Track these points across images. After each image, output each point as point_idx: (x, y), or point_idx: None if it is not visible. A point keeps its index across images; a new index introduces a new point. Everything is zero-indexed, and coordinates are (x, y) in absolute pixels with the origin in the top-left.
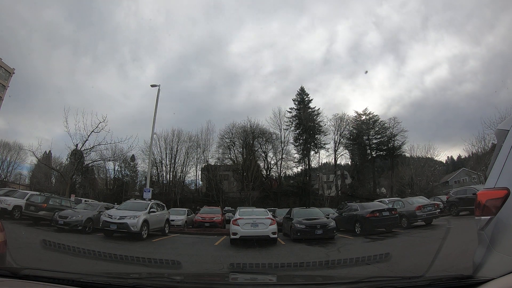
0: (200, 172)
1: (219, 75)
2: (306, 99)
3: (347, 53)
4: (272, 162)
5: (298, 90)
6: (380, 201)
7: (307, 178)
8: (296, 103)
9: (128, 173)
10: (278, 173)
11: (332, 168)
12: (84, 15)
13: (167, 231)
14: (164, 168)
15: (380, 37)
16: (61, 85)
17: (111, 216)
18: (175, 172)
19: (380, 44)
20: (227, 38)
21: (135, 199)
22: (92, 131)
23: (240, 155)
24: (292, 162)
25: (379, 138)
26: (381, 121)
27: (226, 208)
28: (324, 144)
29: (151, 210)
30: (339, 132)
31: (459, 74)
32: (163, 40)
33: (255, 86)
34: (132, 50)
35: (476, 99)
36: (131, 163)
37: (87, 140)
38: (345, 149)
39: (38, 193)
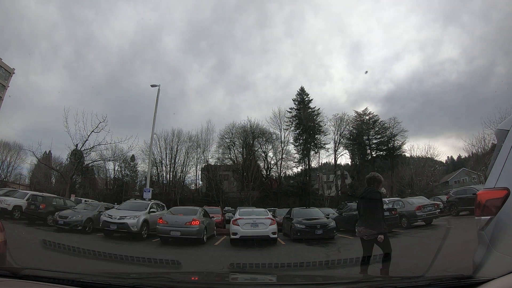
0: (200, 172)
1: (161, 71)
2: (306, 99)
3: (287, 39)
4: (272, 162)
5: (298, 90)
6: None
7: (307, 178)
8: (296, 103)
9: (128, 173)
10: (278, 173)
11: (332, 168)
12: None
13: None
14: (164, 168)
15: (319, 18)
16: None
17: (111, 216)
18: (175, 172)
19: (324, 28)
20: (160, 29)
21: (135, 199)
22: (92, 131)
23: (240, 155)
24: (292, 162)
25: (379, 138)
26: (381, 121)
27: (226, 208)
28: (324, 144)
29: (151, 210)
30: (339, 132)
31: (435, 63)
32: (100, 38)
33: (202, 81)
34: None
35: (462, 90)
36: (131, 163)
37: (87, 140)
38: (345, 149)
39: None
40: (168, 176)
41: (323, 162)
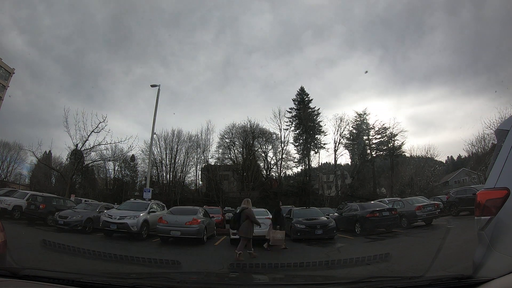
0: (200, 172)
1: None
2: (306, 99)
3: None
4: (272, 162)
5: (298, 90)
6: (380, 201)
7: (307, 178)
8: (296, 103)
9: (128, 173)
10: (278, 173)
11: (332, 168)
12: None
13: None
14: (164, 168)
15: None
16: None
17: (111, 216)
18: (175, 172)
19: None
20: None
21: (135, 199)
22: (92, 131)
23: (240, 155)
24: (292, 162)
25: (379, 138)
26: (381, 121)
27: (226, 208)
28: (324, 144)
29: (151, 210)
30: (339, 132)
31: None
32: None
33: None
34: None
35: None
36: (131, 163)
37: (87, 140)
38: (345, 149)
39: None
40: (168, 176)
41: (323, 162)
